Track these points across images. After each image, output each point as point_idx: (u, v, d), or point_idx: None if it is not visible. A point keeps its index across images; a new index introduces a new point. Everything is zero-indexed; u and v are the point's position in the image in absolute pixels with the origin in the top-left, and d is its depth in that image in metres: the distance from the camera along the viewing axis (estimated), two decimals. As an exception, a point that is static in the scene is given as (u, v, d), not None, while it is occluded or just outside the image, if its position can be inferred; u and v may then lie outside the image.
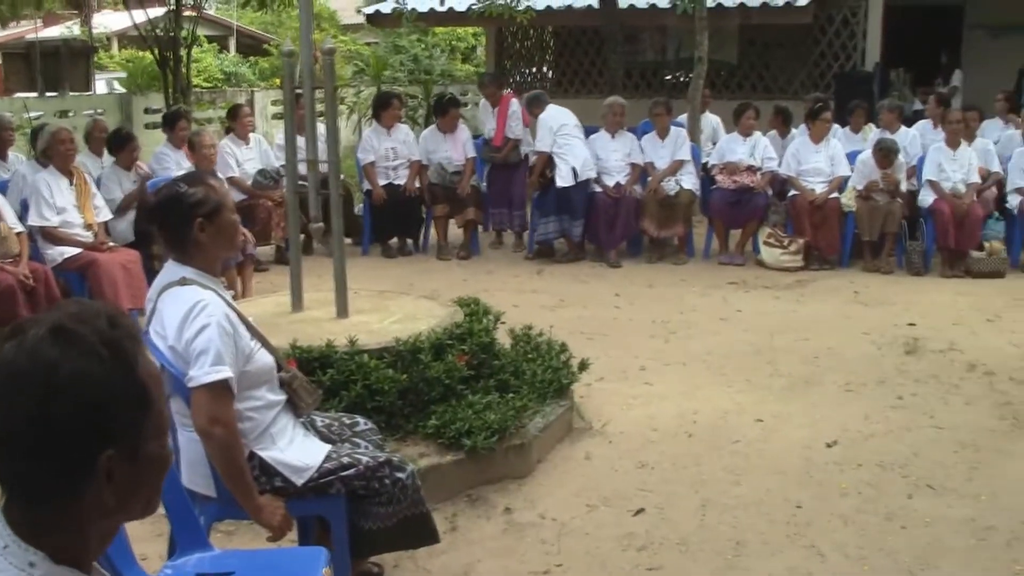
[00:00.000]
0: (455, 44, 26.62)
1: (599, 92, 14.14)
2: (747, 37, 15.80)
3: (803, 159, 10.14)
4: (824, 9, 14.65)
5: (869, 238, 9.72)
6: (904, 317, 7.88)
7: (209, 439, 3.23)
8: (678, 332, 7.51)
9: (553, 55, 17.94)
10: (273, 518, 3.35)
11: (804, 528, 4.41)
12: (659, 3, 14.25)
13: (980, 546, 4.27)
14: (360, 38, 26.41)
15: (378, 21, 16.83)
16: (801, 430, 5.54)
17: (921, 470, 5.02)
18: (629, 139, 10.47)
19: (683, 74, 15.05)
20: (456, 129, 10.68)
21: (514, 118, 10.74)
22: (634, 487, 4.84)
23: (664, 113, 10.43)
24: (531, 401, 5.20)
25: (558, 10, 15.57)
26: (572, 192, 9.93)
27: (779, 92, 14.80)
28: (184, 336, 3.23)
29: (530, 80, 17.82)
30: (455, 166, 10.53)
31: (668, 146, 10.35)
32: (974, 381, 6.36)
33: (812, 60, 14.99)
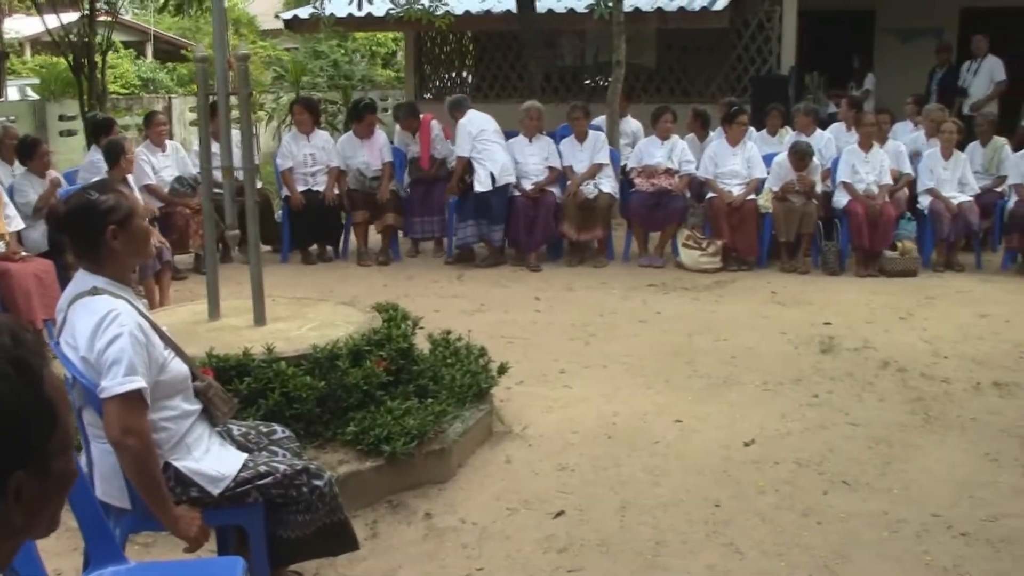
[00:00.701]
0: (375, 49, 26.57)
1: (519, 96, 14.16)
2: (665, 41, 15.92)
3: (720, 162, 10.25)
4: (740, 14, 14.80)
5: (786, 239, 9.86)
6: (820, 316, 8.01)
7: (123, 450, 3.17)
8: (598, 335, 7.54)
9: (472, 60, 17.96)
10: (189, 529, 3.31)
11: (723, 527, 4.45)
12: (577, 8, 14.31)
13: (892, 538, 4.35)
14: (280, 43, 26.25)
15: (296, 26, 16.71)
16: (720, 430, 5.59)
17: (836, 466, 5.10)
18: (547, 143, 10.50)
19: (602, 78, 15.12)
20: (373, 135, 10.64)
21: (438, 140, 10.75)
22: (554, 489, 4.85)
23: (582, 117, 10.49)
24: (450, 406, 5.20)
25: (477, 15, 15.56)
26: (491, 197, 9.95)
27: (697, 96, 14.93)
28: (96, 346, 3.18)
29: (449, 85, 17.80)
30: (374, 172, 10.49)
31: (587, 150, 10.41)
32: (887, 378, 6.48)
33: (729, 64, 15.14)
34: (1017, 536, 4.37)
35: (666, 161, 10.28)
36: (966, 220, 9.96)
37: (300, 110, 10.84)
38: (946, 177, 10.21)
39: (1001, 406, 6.00)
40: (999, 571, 4.09)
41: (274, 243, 10.57)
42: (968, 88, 13.35)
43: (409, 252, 10.87)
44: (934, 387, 6.31)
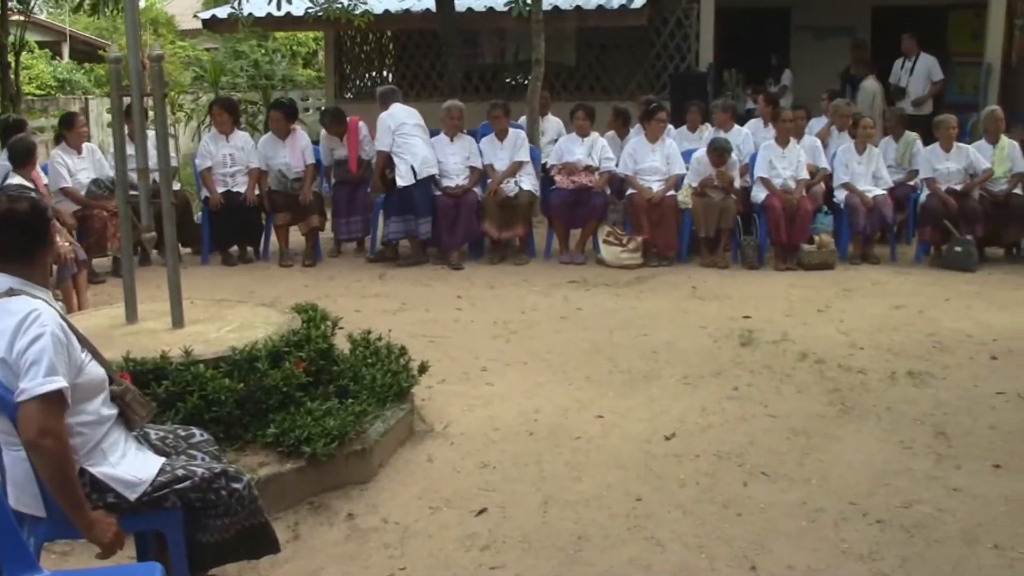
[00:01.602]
0: (296, 49, 26.32)
1: (439, 95, 14.14)
2: (584, 39, 16.00)
3: (640, 158, 10.32)
4: (658, 12, 14.92)
5: (705, 234, 9.97)
6: (739, 310, 8.10)
7: (39, 452, 3.10)
8: (519, 332, 7.55)
9: (393, 59, 17.90)
10: (104, 535, 3.25)
11: (644, 520, 4.48)
12: (496, 6, 14.31)
13: (810, 528, 4.41)
14: (200, 43, 25.89)
15: (215, 26, 16.50)
16: (640, 424, 5.63)
17: (756, 458, 5.16)
18: (468, 142, 10.49)
19: (522, 76, 15.15)
20: (294, 135, 10.55)
21: (366, 142, 10.69)
22: (476, 487, 4.85)
23: (502, 115, 10.50)
24: (371, 406, 5.18)
25: (396, 14, 15.50)
26: (414, 190, 9.92)
27: (616, 93, 15.02)
28: (16, 347, 3.12)
29: (370, 85, 17.72)
30: (295, 173, 10.39)
31: (507, 148, 10.42)
32: (805, 369, 6.58)
33: (648, 61, 15.25)
34: (929, 521, 4.46)
35: (586, 158, 10.33)
36: (881, 213, 10.15)
37: (219, 110, 10.72)
38: (861, 171, 10.40)
39: (915, 395, 6.11)
40: (912, 555, 4.17)
41: (194, 245, 10.44)
42: (907, 87, 13.51)
43: (331, 252, 10.79)
44: (851, 378, 6.41)
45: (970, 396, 6.13)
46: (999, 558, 4.17)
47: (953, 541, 4.30)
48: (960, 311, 8.20)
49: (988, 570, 4.08)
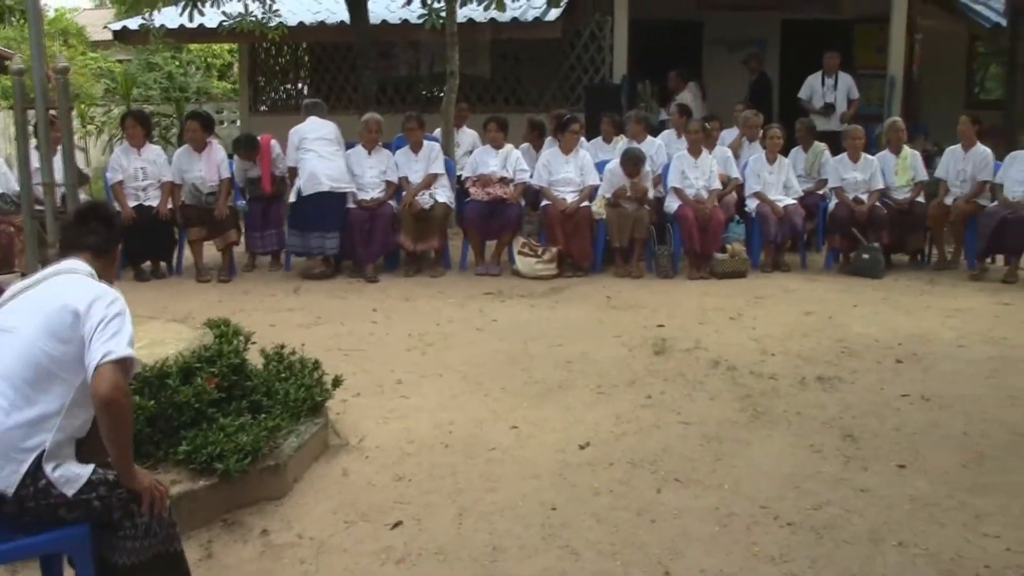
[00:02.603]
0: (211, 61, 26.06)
1: (355, 108, 14.09)
2: (499, 51, 16.06)
3: (554, 170, 10.39)
4: (572, 24, 15.03)
5: (619, 244, 10.07)
6: (653, 319, 8.18)
7: (117, 408, 3.27)
8: (435, 344, 7.55)
9: (308, 71, 17.80)
10: (144, 479, 3.46)
11: (559, 529, 4.50)
12: (411, 19, 14.31)
13: (723, 532, 4.47)
14: (112, 55, 25.52)
15: (126, 38, 16.24)
16: (555, 434, 5.66)
17: (669, 465, 5.21)
18: (386, 156, 10.49)
19: (437, 88, 15.17)
20: (210, 147, 10.44)
21: (279, 160, 10.61)
22: (392, 500, 4.83)
23: (417, 127, 10.51)
24: (285, 421, 5.13)
25: (311, 26, 15.44)
26: (306, 206, 9.94)
27: (531, 105, 15.10)
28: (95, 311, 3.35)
29: (285, 97, 17.63)
30: (209, 187, 10.27)
31: (422, 160, 10.43)
32: (718, 376, 6.66)
33: (563, 73, 15.34)
34: (838, 523, 4.54)
35: (501, 170, 10.38)
36: (791, 222, 10.33)
37: (132, 123, 10.57)
38: (771, 181, 10.59)
39: (824, 400, 6.23)
40: (821, 556, 4.24)
41: (105, 260, 10.28)
42: (835, 103, 13.61)
43: (246, 267, 10.70)
44: (762, 384, 6.51)
45: (876, 399, 6.27)
46: (903, 555, 4.26)
47: (860, 541, 4.38)
48: (868, 316, 8.37)
49: (893, 567, 4.16)
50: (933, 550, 4.30)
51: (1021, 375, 6.75)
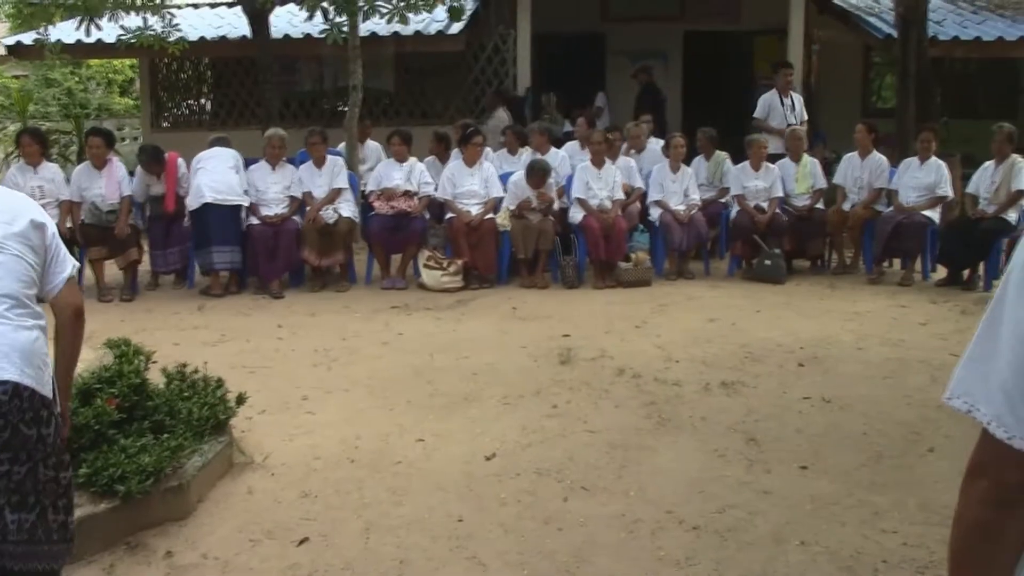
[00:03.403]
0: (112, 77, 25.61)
1: (258, 123, 13.99)
2: (403, 65, 16.07)
3: (458, 182, 10.41)
4: (476, 37, 15.08)
5: (524, 256, 10.12)
6: (559, 329, 8.21)
7: (79, 323, 3.48)
8: (341, 359, 7.50)
9: (210, 87, 17.61)
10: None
11: (466, 540, 4.49)
12: (313, 33, 14.23)
13: (629, 538, 4.49)
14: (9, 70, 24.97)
15: (21, 53, 15.90)
16: (461, 446, 5.65)
17: (576, 473, 5.23)
18: (290, 171, 10.44)
19: (341, 103, 15.11)
20: (111, 165, 10.25)
21: (184, 179, 10.46)
22: (298, 517, 4.78)
23: (320, 142, 10.46)
24: (188, 440, 5.05)
25: (212, 41, 15.30)
26: (203, 221, 9.88)
27: (436, 118, 15.10)
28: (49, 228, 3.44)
29: (188, 113, 17.41)
30: (110, 205, 10.09)
31: (326, 175, 10.38)
32: (623, 384, 6.70)
33: (467, 86, 15.38)
34: (742, 525, 4.60)
35: (405, 183, 10.36)
36: (696, 230, 10.45)
37: (28, 141, 10.34)
38: (674, 190, 10.72)
39: (728, 404, 6.30)
40: (726, 558, 4.29)
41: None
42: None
43: (148, 285, 10.53)
44: (666, 390, 6.57)
45: (779, 402, 6.36)
46: (804, 554, 4.33)
47: (764, 542, 4.44)
48: (770, 321, 8.50)
49: (795, 567, 4.23)
50: (833, 548, 4.38)
51: (917, 375, 6.91)
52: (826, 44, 15.99)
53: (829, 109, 15.60)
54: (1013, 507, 1.53)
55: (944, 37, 15.00)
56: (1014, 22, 15.94)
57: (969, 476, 1.58)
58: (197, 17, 16.87)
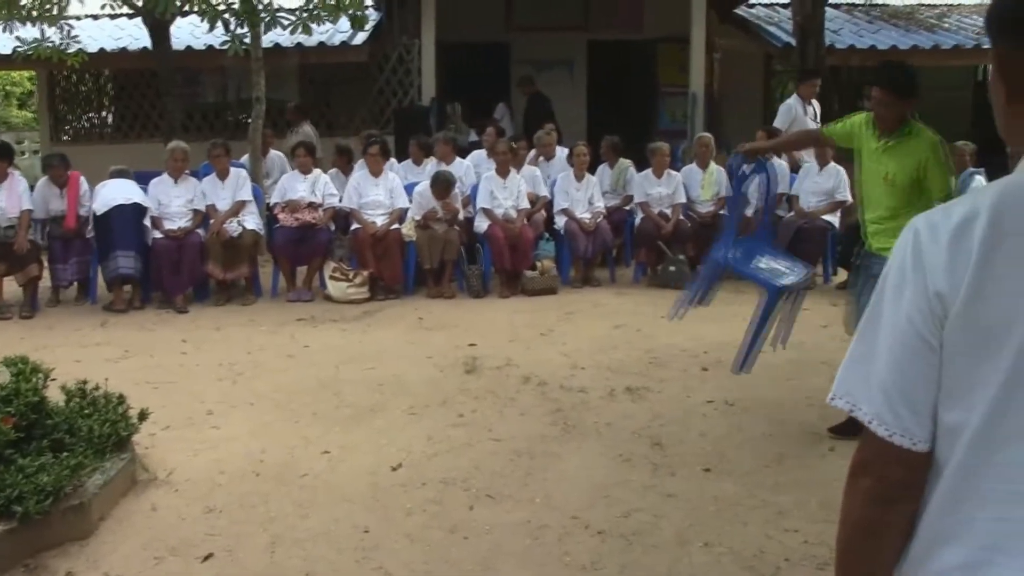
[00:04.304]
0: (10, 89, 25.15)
1: (160, 136, 13.81)
2: (307, 76, 15.98)
3: (363, 192, 10.39)
4: (380, 48, 15.08)
5: (430, 266, 10.11)
6: (465, 338, 8.23)
7: None
8: (246, 373, 7.44)
9: (111, 99, 17.33)
10: None
11: (372, 551, 4.48)
12: (216, 44, 14.10)
13: (535, 545, 4.52)
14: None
15: (-87, 65, 15.56)
16: (367, 457, 5.64)
17: (481, 482, 5.25)
18: (192, 184, 10.30)
19: (245, 115, 14.99)
20: (11, 179, 9.98)
21: (85, 197, 10.24)
22: (202, 533, 4.73)
23: (223, 154, 10.36)
24: (88, 458, 4.97)
25: (112, 53, 15.11)
26: (106, 227, 9.73)
27: (341, 129, 15.06)
28: None
29: (88, 126, 17.12)
30: (8, 220, 9.85)
31: (229, 187, 10.28)
32: (528, 392, 6.74)
33: (372, 97, 15.36)
34: (646, 528, 4.66)
35: (309, 195, 10.31)
36: (601, 238, 10.55)
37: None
38: (579, 198, 10.80)
39: (633, 410, 6.38)
40: (631, 562, 4.34)
41: None
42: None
43: (49, 302, 10.30)
44: (572, 397, 6.62)
45: (683, 407, 6.46)
46: (708, 555, 4.40)
47: (668, 544, 4.51)
48: (675, 327, 8.51)
49: (699, 567, 4.29)
50: (737, 548, 4.46)
51: (818, 377, 7.04)
52: (728, 53, 16.26)
53: (732, 117, 15.86)
54: (896, 503, 1.59)
55: (841, 46, 15.36)
56: (907, 31, 16.38)
57: (853, 475, 1.64)
58: (97, 28, 16.62)
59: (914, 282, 1.53)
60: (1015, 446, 1.48)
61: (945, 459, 1.54)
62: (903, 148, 5.58)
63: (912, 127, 5.61)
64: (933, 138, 5.58)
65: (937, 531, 1.55)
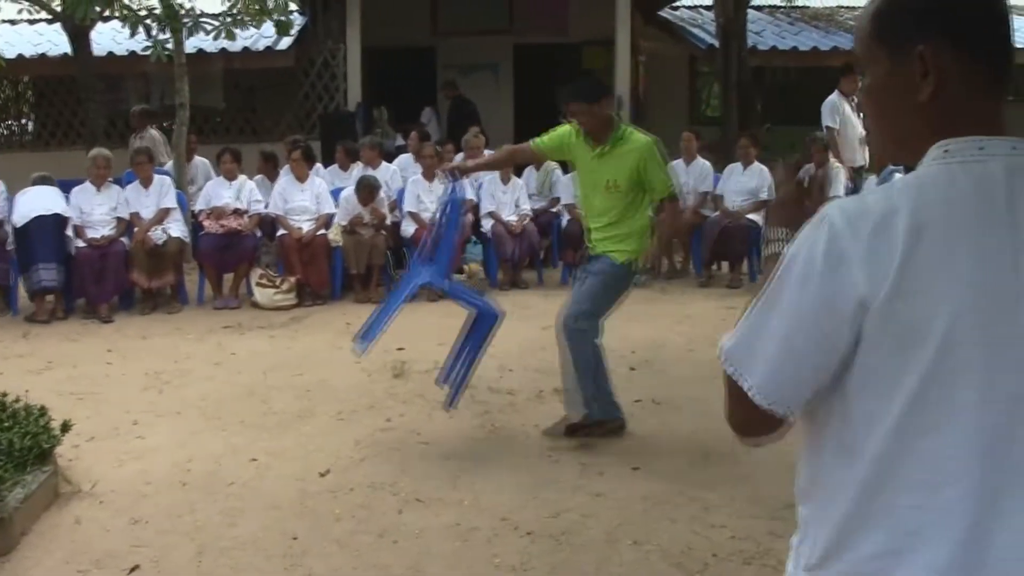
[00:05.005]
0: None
1: (82, 143, 13.66)
2: (232, 81, 15.88)
3: (289, 198, 10.33)
4: (305, 53, 15.02)
5: (357, 271, 10.08)
6: (393, 342, 8.14)
7: None
8: (172, 382, 7.37)
9: (31, 106, 17.08)
10: None
11: (301, 558, 4.47)
12: (138, 50, 13.94)
13: (464, 547, 4.54)
14: None
15: None
16: (295, 463, 5.61)
17: (410, 485, 5.25)
18: (115, 192, 10.17)
19: (169, 121, 14.83)
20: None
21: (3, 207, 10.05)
22: (128, 545, 4.68)
23: (146, 161, 10.28)
24: (8, 472, 4.88)
25: (31, 59, 14.91)
26: (26, 238, 9.59)
27: (267, 135, 14.95)
28: None
29: (8, 134, 16.85)
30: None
31: (153, 195, 10.16)
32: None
33: (297, 102, 15.29)
34: (575, 528, 4.70)
35: (234, 202, 10.24)
36: (527, 240, 10.58)
37: None
38: (506, 200, 10.83)
39: (561, 411, 6.34)
40: (560, 562, 4.38)
41: None
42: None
43: (-32, 314, 10.15)
44: (500, 399, 6.66)
45: (611, 406, 6.49)
46: (637, 552, 4.45)
47: (597, 543, 4.55)
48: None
49: (628, 565, 4.34)
50: (665, 545, 4.51)
51: (743, 374, 7.12)
52: (653, 55, 16.41)
53: (659, 118, 15.99)
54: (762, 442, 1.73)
55: (763, 47, 15.59)
56: (828, 33, 16.64)
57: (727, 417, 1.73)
58: (14, 33, 16.40)
59: (824, 276, 1.54)
60: (933, 437, 1.51)
61: (862, 446, 1.57)
62: (618, 153, 5.69)
63: (623, 132, 5.73)
64: (647, 139, 5.72)
65: (856, 518, 1.58)
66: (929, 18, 1.62)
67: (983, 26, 1.62)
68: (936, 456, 1.52)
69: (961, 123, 1.59)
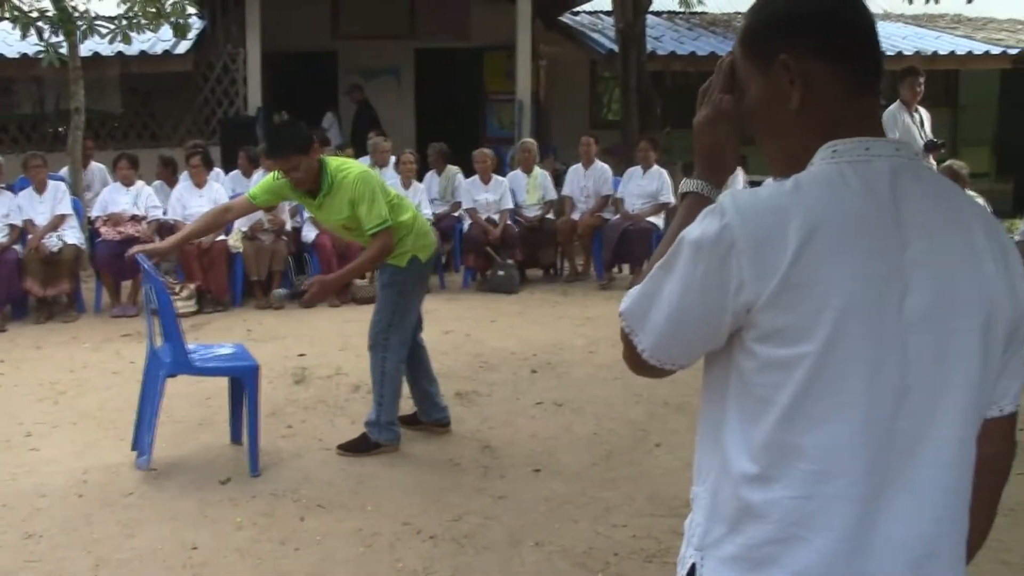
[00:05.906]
0: None
1: (-28, 150, 13.33)
2: (129, 86, 15.61)
3: (187, 204, 10.20)
4: (204, 57, 14.82)
5: (258, 277, 10.00)
6: (295, 349, 8.17)
7: None
8: (68, 392, 7.22)
9: (-82, 112, 16.63)
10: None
11: (201, 568, 4.43)
12: (31, 53, 13.66)
13: (367, 552, 4.54)
14: None
15: None
16: (195, 472, 5.55)
17: (312, 492, 5.24)
18: (8, 198, 9.93)
19: (64, 126, 14.55)
20: None
21: None
22: (21, 560, 4.57)
23: (40, 166, 10.05)
24: None
25: (-83, 62, 14.50)
26: None
27: (166, 140, 14.77)
28: None
29: None
30: None
31: (47, 201, 9.96)
32: (358, 401, 6.72)
33: (196, 107, 15.09)
34: (477, 531, 4.73)
35: (132, 208, 10.09)
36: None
37: None
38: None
39: (463, 414, 6.44)
40: (463, 564, 4.40)
41: None
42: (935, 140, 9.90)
43: None
44: (402, 403, 6.61)
45: (512, 409, 6.56)
46: (539, 554, 4.50)
47: (500, 545, 4.58)
48: (504, 331, 8.71)
49: (530, 566, 4.39)
50: (567, 546, 4.56)
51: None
52: (554, 60, 16.51)
53: (560, 122, 16.12)
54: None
55: (662, 52, 15.77)
56: (725, 38, 16.89)
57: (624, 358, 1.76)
58: (-101, 37, 15.93)
59: (710, 263, 1.57)
60: (822, 428, 1.55)
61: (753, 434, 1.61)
62: (336, 198, 5.58)
63: (332, 180, 5.55)
64: (352, 178, 5.54)
65: (745, 508, 1.61)
66: (789, 28, 1.67)
67: (842, 30, 1.67)
68: (826, 448, 1.55)
69: (842, 126, 1.64)
